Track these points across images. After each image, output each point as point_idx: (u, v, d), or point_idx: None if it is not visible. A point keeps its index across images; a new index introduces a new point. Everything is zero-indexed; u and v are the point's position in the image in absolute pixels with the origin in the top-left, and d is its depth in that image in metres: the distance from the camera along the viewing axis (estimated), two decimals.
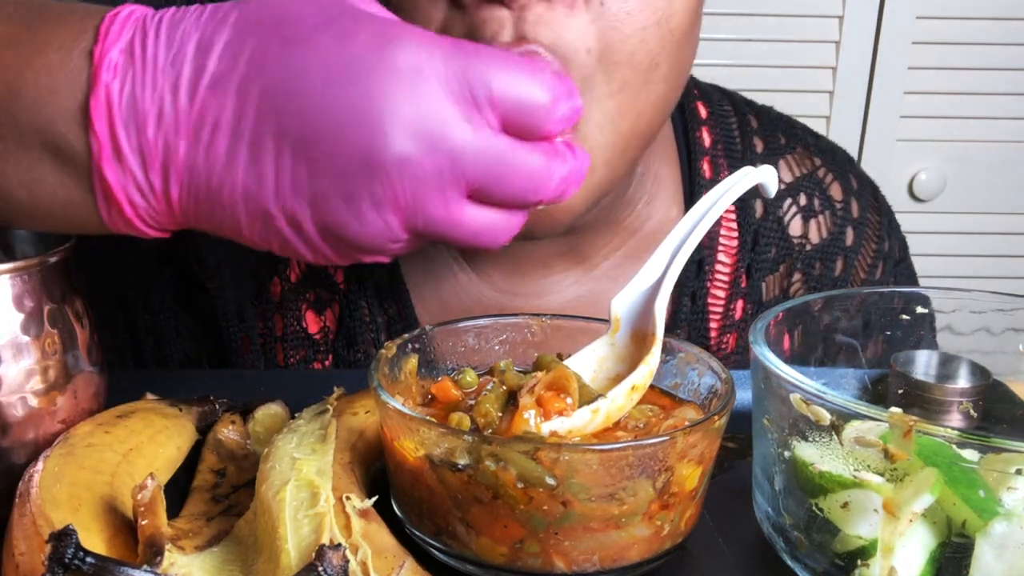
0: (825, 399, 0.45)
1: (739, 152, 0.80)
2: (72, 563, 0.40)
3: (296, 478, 0.47)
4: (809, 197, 0.80)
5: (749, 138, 0.81)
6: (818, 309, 0.58)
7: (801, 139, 0.84)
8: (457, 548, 0.47)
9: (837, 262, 0.81)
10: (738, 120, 0.81)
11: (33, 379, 0.52)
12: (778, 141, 0.82)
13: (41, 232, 0.58)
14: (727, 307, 0.79)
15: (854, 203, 0.82)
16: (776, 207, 0.79)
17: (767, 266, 0.79)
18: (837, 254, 0.81)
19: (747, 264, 0.79)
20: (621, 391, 0.51)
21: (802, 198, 0.80)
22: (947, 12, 1.43)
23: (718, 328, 0.80)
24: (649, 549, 0.47)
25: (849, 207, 0.82)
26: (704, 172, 0.78)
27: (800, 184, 0.80)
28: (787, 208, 0.80)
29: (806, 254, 0.80)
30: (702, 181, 0.78)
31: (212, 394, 0.61)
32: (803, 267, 0.79)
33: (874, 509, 0.44)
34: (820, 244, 0.80)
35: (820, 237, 0.80)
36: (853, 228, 0.81)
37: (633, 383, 0.52)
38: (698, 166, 0.78)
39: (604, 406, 0.50)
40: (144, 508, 0.44)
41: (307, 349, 0.78)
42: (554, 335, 0.59)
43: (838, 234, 0.81)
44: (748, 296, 0.79)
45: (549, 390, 0.50)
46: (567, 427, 0.49)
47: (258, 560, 0.45)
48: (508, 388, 0.52)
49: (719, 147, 0.80)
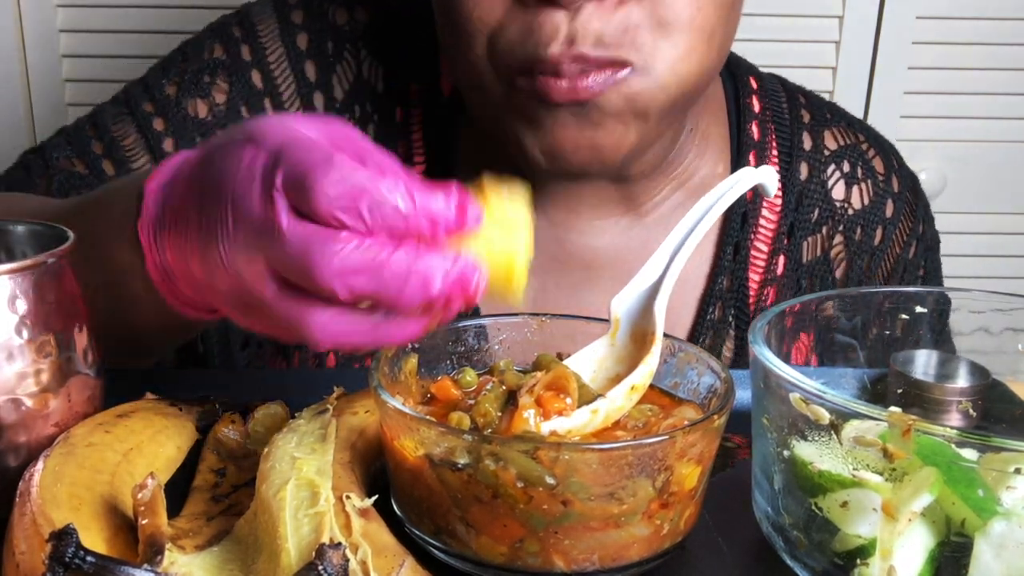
0: (824, 398, 0.45)
1: (787, 120, 0.84)
2: (72, 562, 0.40)
3: (296, 477, 0.47)
4: (852, 165, 0.84)
5: (797, 109, 0.85)
6: (817, 309, 0.58)
7: (846, 117, 0.88)
8: (457, 547, 0.47)
9: (877, 230, 0.84)
10: (787, 95, 0.86)
11: (26, 381, 0.52)
12: (824, 115, 0.86)
13: (41, 233, 0.58)
14: (769, 261, 0.82)
15: (895, 179, 0.86)
16: (820, 171, 0.83)
17: (809, 227, 0.83)
18: (877, 222, 0.84)
19: (790, 223, 0.82)
20: (620, 391, 0.51)
21: (845, 165, 0.84)
22: (947, 12, 1.43)
23: (759, 281, 0.82)
24: (649, 548, 0.47)
25: (890, 181, 0.85)
26: (753, 134, 0.83)
27: (845, 152, 0.84)
28: (831, 173, 0.83)
29: (848, 218, 0.83)
30: (750, 142, 0.82)
31: (212, 394, 0.61)
32: (845, 231, 0.83)
33: (873, 508, 0.44)
34: (862, 210, 0.83)
35: (862, 203, 0.83)
36: (893, 201, 0.85)
37: (632, 383, 0.52)
38: (747, 127, 0.83)
39: (603, 406, 0.50)
40: (144, 507, 0.44)
41: None
42: (554, 335, 0.59)
43: (879, 203, 0.84)
44: (790, 254, 0.82)
45: (549, 390, 0.50)
46: (566, 427, 0.49)
47: (258, 559, 0.45)
48: (508, 388, 0.52)
49: (767, 113, 0.84)
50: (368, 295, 0.44)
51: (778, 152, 0.83)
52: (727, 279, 0.81)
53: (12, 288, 0.51)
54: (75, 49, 1.40)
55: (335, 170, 0.43)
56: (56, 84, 1.41)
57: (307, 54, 0.80)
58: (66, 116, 1.43)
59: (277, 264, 0.45)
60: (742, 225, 0.81)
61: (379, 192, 0.43)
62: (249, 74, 0.80)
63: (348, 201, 0.43)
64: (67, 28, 1.39)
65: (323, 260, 0.43)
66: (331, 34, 0.80)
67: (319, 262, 0.43)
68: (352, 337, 0.46)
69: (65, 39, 1.40)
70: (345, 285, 0.43)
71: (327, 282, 0.43)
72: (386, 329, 0.46)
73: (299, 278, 0.45)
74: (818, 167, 0.83)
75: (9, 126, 1.43)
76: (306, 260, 0.43)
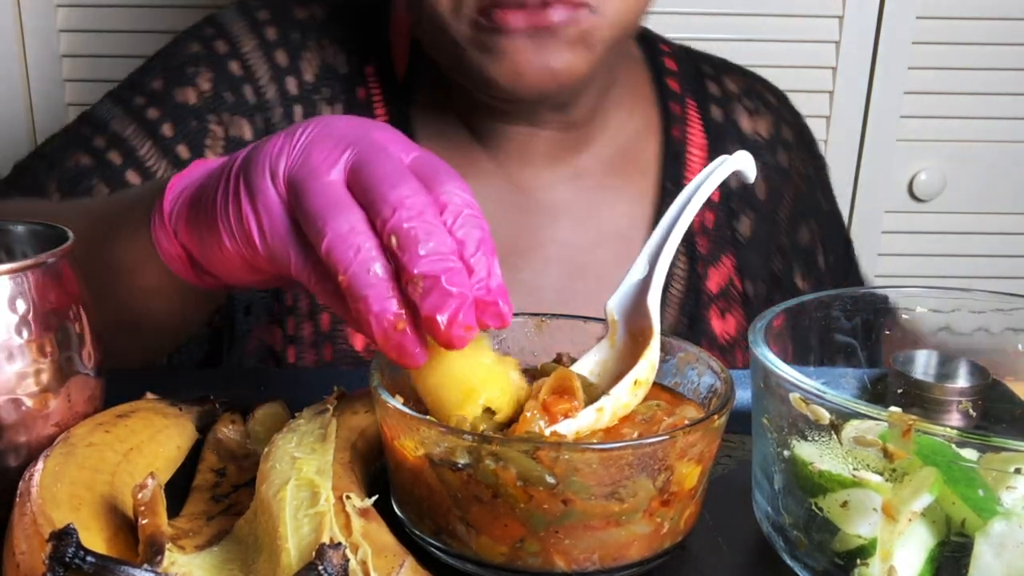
0: (824, 398, 0.45)
1: (694, 73, 0.97)
2: (73, 562, 0.40)
3: (296, 477, 0.47)
4: (753, 101, 0.98)
5: (700, 65, 0.98)
6: (817, 308, 0.58)
7: (736, 66, 1.02)
8: (457, 547, 0.47)
9: (781, 153, 0.97)
10: (688, 54, 1.00)
11: (25, 381, 0.52)
12: (720, 65, 1.00)
13: (42, 233, 0.58)
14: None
15: (786, 108, 1.01)
16: (730, 112, 0.96)
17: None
18: (780, 146, 0.97)
19: (716, 153, 0.93)
20: (624, 387, 0.51)
21: (747, 102, 0.97)
22: (947, 12, 1.43)
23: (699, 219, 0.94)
24: (649, 547, 0.47)
25: (783, 110, 1.00)
26: (672, 87, 0.95)
27: (744, 92, 0.98)
28: (738, 112, 0.96)
29: (759, 146, 0.96)
30: (670, 93, 0.94)
31: (212, 394, 0.61)
32: (759, 157, 0.92)
33: (873, 508, 0.44)
34: (768, 138, 0.96)
35: (768, 132, 0.97)
36: (789, 126, 0.99)
37: (635, 378, 0.52)
38: (666, 81, 0.95)
39: (608, 404, 0.50)
40: (144, 507, 0.44)
41: None
42: (554, 335, 0.59)
43: (779, 129, 0.98)
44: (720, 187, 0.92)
45: (553, 394, 0.50)
46: (573, 428, 0.49)
47: (258, 559, 0.45)
48: None
49: (681, 69, 0.97)
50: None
51: (695, 100, 0.95)
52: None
53: (12, 288, 0.51)
54: (75, 49, 1.40)
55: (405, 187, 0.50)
56: (56, 84, 1.41)
57: (276, 43, 0.88)
58: (66, 116, 1.43)
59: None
60: (675, 164, 0.92)
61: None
62: (227, 63, 0.87)
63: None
64: (67, 28, 1.39)
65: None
66: (296, 26, 0.89)
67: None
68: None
69: (65, 39, 1.40)
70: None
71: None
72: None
73: None
74: (727, 108, 0.95)
75: (9, 126, 1.43)
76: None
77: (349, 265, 0.48)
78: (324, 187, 0.51)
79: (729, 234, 0.93)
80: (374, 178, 0.50)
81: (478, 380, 0.50)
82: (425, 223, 0.48)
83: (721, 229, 0.92)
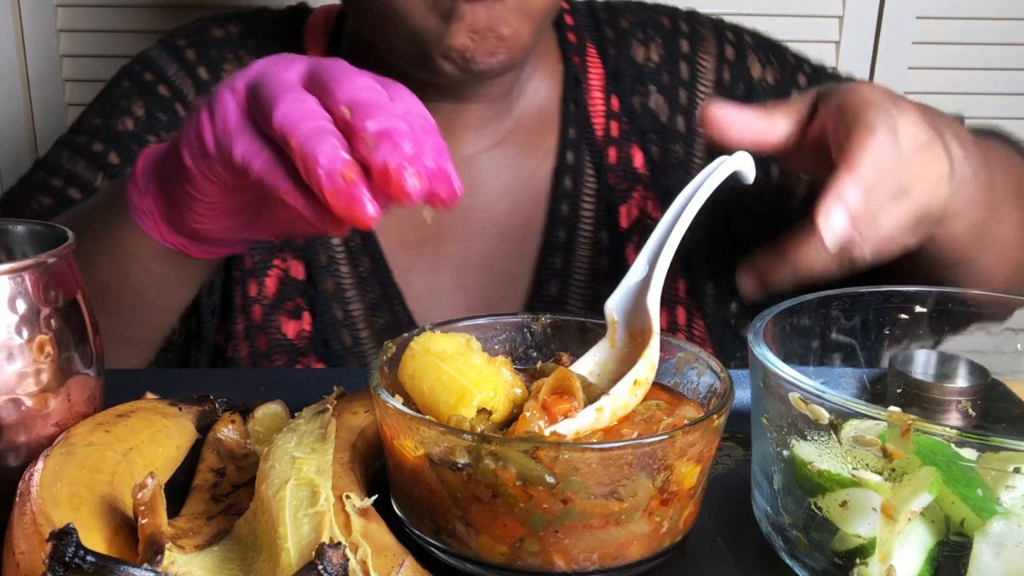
0: (824, 398, 0.45)
1: (591, 22, 0.99)
2: (73, 562, 0.40)
3: (296, 477, 0.47)
4: (644, 31, 0.99)
5: (597, 14, 1.00)
6: (817, 308, 0.58)
7: (633, 4, 1.03)
8: (457, 547, 0.47)
9: (681, 66, 0.97)
10: (588, 6, 1.01)
11: (25, 381, 0.52)
12: (619, 7, 1.01)
13: (41, 233, 0.58)
14: (607, 124, 0.96)
15: (680, 23, 1.00)
16: (625, 48, 0.98)
17: (630, 94, 0.97)
18: (678, 59, 0.98)
19: (616, 99, 0.96)
20: (624, 387, 0.51)
21: (639, 34, 0.98)
22: (947, 12, 1.43)
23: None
24: (649, 547, 0.47)
25: (676, 27, 1.00)
26: (570, 39, 0.97)
27: (638, 25, 0.99)
28: (634, 46, 0.98)
29: (652, 71, 0.97)
30: (569, 45, 0.96)
31: (212, 393, 0.61)
32: (655, 81, 0.97)
33: (872, 508, 0.44)
34: (660, 60, 0.97)
35: (659, 55, 0.98)
36: (686, 39, 0.99)
37: (635, 378, 0.52)
38: (566, 35, 0.97)
39: (608, 404, 0.50)
40: (144, 507, 0.44)
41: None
42: (553, 335, 0.59)
43: (674, 46, 0.98)
44: (620, 121, 0.96)
45: (553, 394, 0.50)
46: (574, 429, 0.49)
47: (258, 559, 0.45)
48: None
49: (579, 21, 0.99)
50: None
51: (594, 46, 0.97)
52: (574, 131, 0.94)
53: (12, 288, 0.51)
54: (75, 49, 1.40)
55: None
56: (56, 84, 1.41)
57: (197, 62, 0.94)
58: (66, 116, 1.43)
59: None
60: (577, 112, 0.94)
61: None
62: (156, 88, 0.93)
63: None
64: (67, 28, 1.39)
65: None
66: (213, 44, 0.95)
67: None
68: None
69: (65, 39, 1.40)
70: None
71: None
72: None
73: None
74: (621, 45, 0.98)
75: (9, 126, 1.43)
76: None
77: (298, 127, 0.51)
78: (279, 79, 0.55)
79: (632, 171, 0.95)
80: (330, 73, 0.55)
81: (469, 382, 0.50)
82: (379, 100, 0.53)
83: (625, 165, 0.95)
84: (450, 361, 0.51)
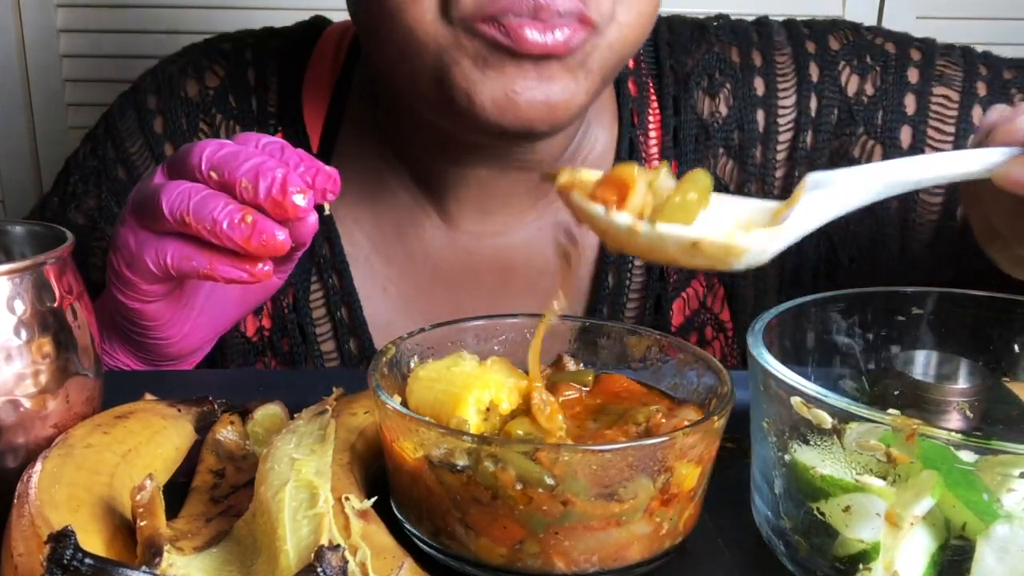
0: (827, 402, 0.44)
1: (655, 63, 0.85)
2: (71, 564, 0.40)
3: (295, 479, 0.47)
4: (710, 78, 0.84)
5: (664, 49, 0.85)
6: (816, 309, 0.58)
7: (711, 33, 0.87)
8: (456, 549, 0.47)
9: (758, 113, 0.83)
10: (652, 38, 0.86)
11: (24, 382, 0.52)
12: (685, 38, 0.86)
13: (41, 234, 0.58)
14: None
15: (755, 55, 0.85)
16: (688, 97, 0.84)
17: (691, 155, 0.84)
18: (756, 106, 0.83)
19: (673, 155, 0.84)
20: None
21: (705, 81, 0.84)
22: (947, 12, 1.43)
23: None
24: (649, 548, 0.47)
25: (749, 64, 0.85)
26: (631, 91, 0.84)
27: (705, 67, 0.84)
28: (699, 96, 0.84)
29: (721, 126, 0.83)
30: (630, 99, 0.84)
31: (211, 394, 0.61)
32: (724, 141, 0.84)
33: (876, 513, 0.44)
34: (732, 108, 0.83)
35: (727, 106, 0.83)
36: (762, 77, 0.84)
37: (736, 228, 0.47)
38: (625, 88, 0.84)
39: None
40: (143, 509, 0.44)
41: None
42: (553, 335, 0.59)
43: (747, 90, 0.84)
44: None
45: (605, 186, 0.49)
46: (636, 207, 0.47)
47: (257, 561, 0.45)
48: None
49: (641, 66, 0.85)
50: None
51: (656, 95, 0.85)
52: None
53: (11, 288, 0.51)
54: (75, 49, 1.40)
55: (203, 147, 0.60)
56: (56, 84, 1.41)
57: (164, 136, 0.88)
58: (66, 116, 1.43)
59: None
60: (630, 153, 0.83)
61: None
62: (116, 171, 0.89)
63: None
64: (67, 28, 1.39)
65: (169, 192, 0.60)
66: (183, 109, 0.88)
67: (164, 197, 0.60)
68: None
69: (65, 39, 1.40)
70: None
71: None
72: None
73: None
74: (683, 96, 0.84)
75: (9, 126, 1.43)
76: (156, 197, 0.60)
77: (184, 205, 0.58)
78: (150, 186, 0.61)
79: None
80: (182, 156, 0.61)
81: (463, 386, 0.51)
82: (233, 151, 0.59)
83: None
84: (441, 370, 0.53)
